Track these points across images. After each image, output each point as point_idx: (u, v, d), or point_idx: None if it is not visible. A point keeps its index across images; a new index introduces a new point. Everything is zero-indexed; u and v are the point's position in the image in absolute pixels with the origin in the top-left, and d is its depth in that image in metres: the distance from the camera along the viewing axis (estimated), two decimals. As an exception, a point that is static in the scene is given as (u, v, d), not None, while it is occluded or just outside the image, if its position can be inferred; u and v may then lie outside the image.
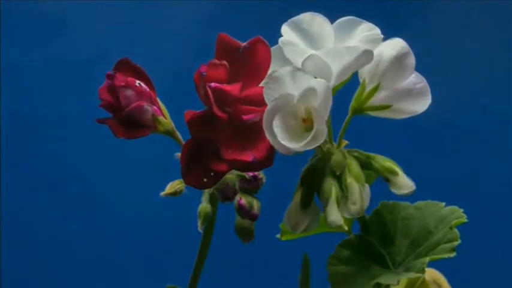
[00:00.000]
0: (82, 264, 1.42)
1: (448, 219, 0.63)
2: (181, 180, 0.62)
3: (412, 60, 0.60)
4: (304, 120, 0.57)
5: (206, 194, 0.64)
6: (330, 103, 0.56)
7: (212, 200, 0.65)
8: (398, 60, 0.59)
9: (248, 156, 0.57)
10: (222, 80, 0.58)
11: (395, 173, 0.60)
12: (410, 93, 0.60)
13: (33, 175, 1.44)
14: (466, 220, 0.62)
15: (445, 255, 0.61)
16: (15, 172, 1.43)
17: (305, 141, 0.56)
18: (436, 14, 1.46)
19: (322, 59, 0.57)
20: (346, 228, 0.72)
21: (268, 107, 0.56)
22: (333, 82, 0.58)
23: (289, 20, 0.59)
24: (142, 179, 1.41)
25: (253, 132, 0.58)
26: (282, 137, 0.56)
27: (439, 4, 1.46)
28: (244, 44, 0.59)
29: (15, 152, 1.44)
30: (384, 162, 0.61)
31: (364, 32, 0.59)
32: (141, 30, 1.47)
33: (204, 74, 0.58)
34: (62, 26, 1.48)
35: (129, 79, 0.61)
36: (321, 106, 0.56)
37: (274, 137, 0.56)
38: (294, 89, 0.56)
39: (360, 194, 0.58)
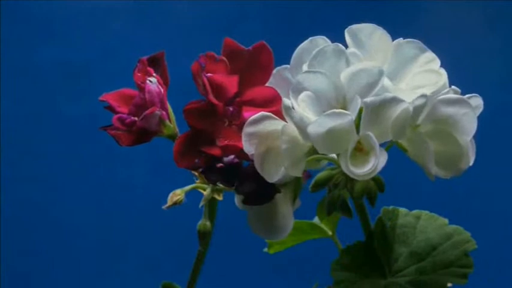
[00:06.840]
0: (81, 262, 1.42)
1: (455, 240, 0.62)
2: (181, 189, 0.64)
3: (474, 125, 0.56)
4: (359, 149, 0.55)
5: (205, 206, 0.64)
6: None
7: (210, 212, 0.65)
8: (460, 121, 0.56)
9: (242, 144, 0.57)
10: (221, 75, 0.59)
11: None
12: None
13: (33, 175, 1.44)
14: (476, 246, 0.61)
15: (459, 281, 0.60)
16: (15, 172, 1.43)
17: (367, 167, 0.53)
18: (426, 15, 1.46)
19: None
20: (330, 233, 0.72)
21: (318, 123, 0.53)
22: None
23: (350, 27, 0.58)
24: (142, 178, 1.42)
25: None
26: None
27: (429, 5, 1.46)
28: (248, 48, 0.60)
29: (15, 152, 1.44)
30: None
31: (427, 63, 0.57)
32: (142, 31, 1.47)
33: (204, 65, 0.59)
34: (62, 26, 1.48)
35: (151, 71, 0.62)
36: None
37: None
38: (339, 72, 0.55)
39: None
